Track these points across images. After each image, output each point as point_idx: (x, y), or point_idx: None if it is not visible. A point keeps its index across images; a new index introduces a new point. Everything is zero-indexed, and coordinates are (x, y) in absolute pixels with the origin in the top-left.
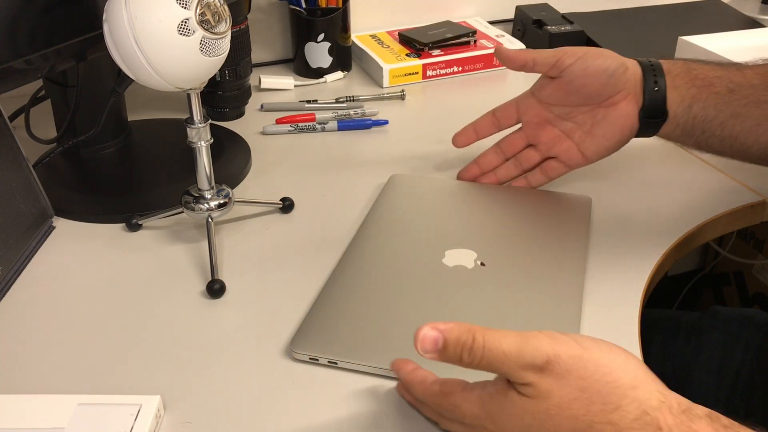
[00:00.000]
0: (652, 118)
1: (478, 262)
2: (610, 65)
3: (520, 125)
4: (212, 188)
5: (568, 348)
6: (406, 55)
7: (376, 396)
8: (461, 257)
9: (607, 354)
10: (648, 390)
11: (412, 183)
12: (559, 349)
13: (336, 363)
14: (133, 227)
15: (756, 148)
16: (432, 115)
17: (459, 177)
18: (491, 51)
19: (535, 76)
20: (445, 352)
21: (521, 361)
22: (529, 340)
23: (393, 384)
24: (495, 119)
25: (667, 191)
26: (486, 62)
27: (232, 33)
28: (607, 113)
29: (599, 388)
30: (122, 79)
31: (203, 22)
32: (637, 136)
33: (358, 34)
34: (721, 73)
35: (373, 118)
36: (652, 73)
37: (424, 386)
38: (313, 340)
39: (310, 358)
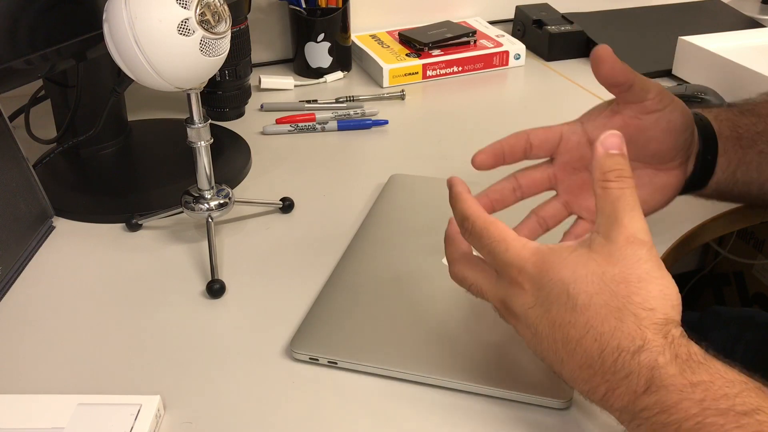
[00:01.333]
0: (695, 187)
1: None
2: (689, 125)
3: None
4: (212, 188)
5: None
6: (406, 55)
7: (376, 396)
8: None
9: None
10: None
11: (411, 183)
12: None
13: (336, 363)
14: (133, 227)
15: None
16: (432, 115)
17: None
18: (491, 51)
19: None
20: None
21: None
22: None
23: (394, 385)
24: (528, 145)
25: None
26: (486, 62)
27: (232, 33)
28: (654, 176)
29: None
30: (122, 79)
31: (203, 22)
32: None
33: (358, 34)
34: (763, 127)
35: (373, 118)
36: (704, 138)
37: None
38: (313, 340)
39: (310, 358)
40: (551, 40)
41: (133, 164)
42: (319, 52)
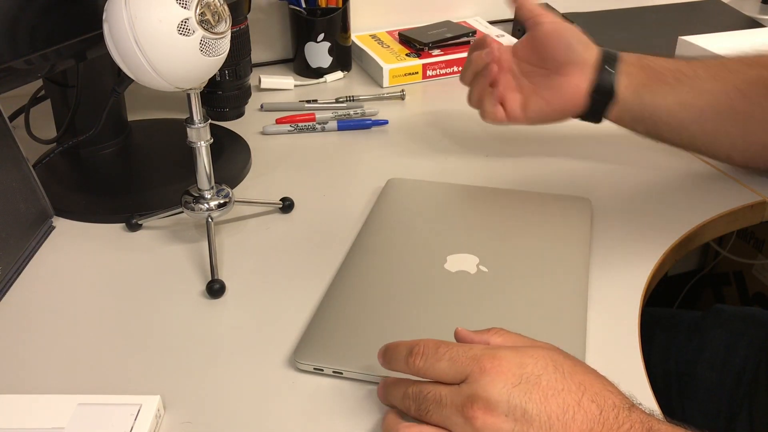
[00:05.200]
0: (600, 95)
1: (481, 267)
2: (574, 37)
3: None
4: (212, 188)
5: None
6: (406, 55)
7: (382, 406)
8: (463, 262)
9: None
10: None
11: (409, 187)
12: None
13: (341, 373)
14: (133, 227)
15: (702, 137)
16: (432, 115)
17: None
18: None
19: None
20: None
21: None
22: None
23: None
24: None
25: (666, 191)
26: None
27: (232, 33)
28: (559, 82)
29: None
30: (122, 79)
31: (203, 22)
32: (586, 118)
33: (358, 34)
34: (672, 66)
35: (373, 118)
36: (607, 57)
37: None
38: (316, 351)
39: (314, 369)
40: None
41: (133, 164)
42: (319, 52)
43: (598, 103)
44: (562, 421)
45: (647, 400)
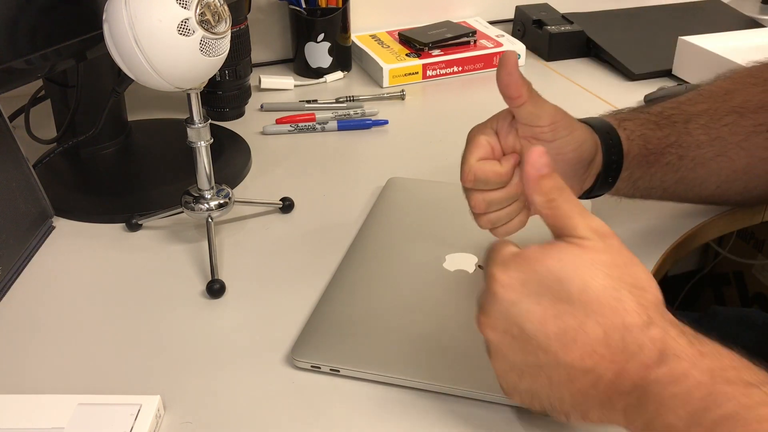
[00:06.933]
0: (588, 196)
1: (480, 266)
2: (585, 158)
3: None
4: (212, 188)
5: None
6: (406, 55)
7: (379, 404)
8: (462, 261)
9: None
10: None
11: (409, 186)
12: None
13: (338, 371)
14: (133, 227)
15: (694, 199)
16: (432, 115)
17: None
18: (491, 51)
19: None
20: None
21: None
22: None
23: (397, 392)
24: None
25: None
26: (486, 62)
27: (232, 33)
28: None
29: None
30: (122, 79)
31: (203, 22)
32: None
33: (358, 34)
34: (674, 140)
35: (373, 118)
36: (608, 161)
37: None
38: (314, 348)
39: (312, 366)
40: (551, 40)
41: (133, 164)
42: (319, 52)
43: (582, 197)
44: (562, 343)
45: None
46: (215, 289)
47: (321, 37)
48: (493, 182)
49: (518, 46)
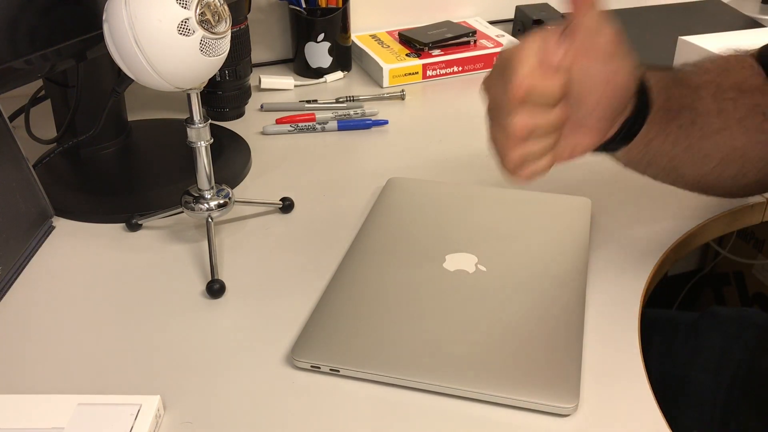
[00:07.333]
0: (604, 149)
1: (479, 266)
2: (629, 88)
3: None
4: (212, 188)
5: None
6: (406, 55)
7: (379, 404)
8: (462, 261)
9: None
10: None
11: (409, 186)
12: None
13: (338, 371)
14: (133, 227)
15: (690, 177)
16: (432, 115)
17: None
18: (491, 51)
19: None
20: None
21: None
22: None
23: (397, 392)
24: None
25: (667, 191)
26: (486, 62)
27: (232, 33)
28: (570, 134)
29: None
30: (122, 79)
31: (203, 22)
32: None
33: (358, 34)
34: (690, 101)
35: (373, 118)
36: (639, 106)
37: None
38: (314, 348)
39: (311, 366)
40: None
41: (133, 164)
42: (319, 52)
43: (597, 151)
44: None
45: (647, 399)
46: (215, 289)
47: (321, 37)
48: (548, 98)
49: None
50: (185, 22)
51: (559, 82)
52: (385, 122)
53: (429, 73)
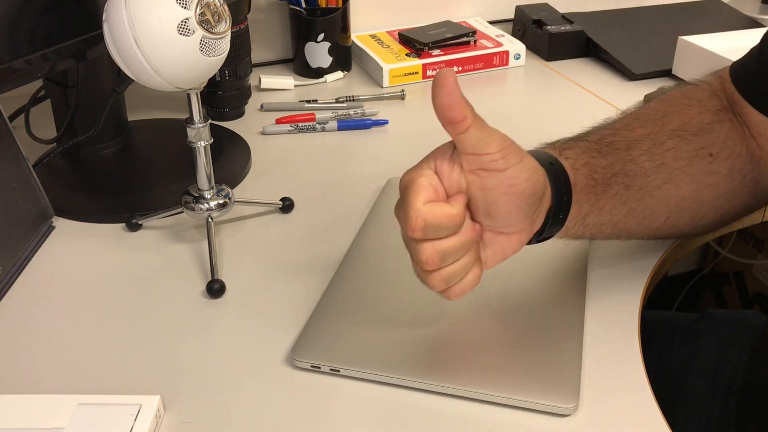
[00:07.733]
0: (539, 239)
1: None
2: (538, 190)
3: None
4: (212, 188)
5: None
6: (406, 55)
7: (379, 404)
8: None
9: None
10: None
11: None
12: None
13: (338, 371)
14: (133, 227)
15: (643, 233)
16: (432, 115)
17: None
18: (491, 51)
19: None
20: None
21: None
22: None
23: (397, 392)
24: None
25: None
26: (486, 62)
27: (232, 33)
28: (494, 239)
29: None
30: (122, 79)
31: (203, 22)
32: None
33: (358, 34)
34: (619, 168)
35: (373, 118)
36: (558, 194)
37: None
38: (314, 348)
39: (312, 366)
40: (551, 40)
41: (133, 164)
42: (319, 52)
43: (532, 242)
44: None
45: (647, 400)
46: (215, 289)
47: (321, 37)
48: (447, 227)
49: (518, 46)
50: (185, 22)
51: (457, 210)
52: (385, 122)
53: (429, 73)
